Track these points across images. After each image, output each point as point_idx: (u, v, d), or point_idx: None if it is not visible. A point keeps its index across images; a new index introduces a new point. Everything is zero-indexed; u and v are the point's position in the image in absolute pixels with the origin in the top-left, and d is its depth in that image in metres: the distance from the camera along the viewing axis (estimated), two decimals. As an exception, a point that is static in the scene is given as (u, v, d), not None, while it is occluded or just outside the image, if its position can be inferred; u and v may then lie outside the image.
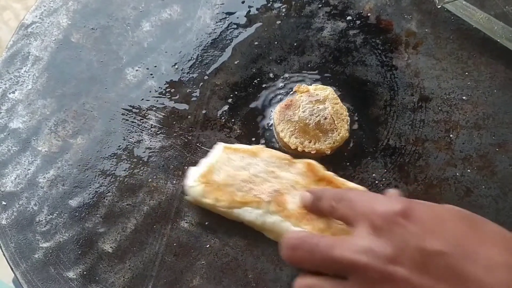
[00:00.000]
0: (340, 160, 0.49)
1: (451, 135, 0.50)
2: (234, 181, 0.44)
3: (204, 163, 0.47)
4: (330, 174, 0.45)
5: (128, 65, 0.57)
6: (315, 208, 0.40)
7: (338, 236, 0.37)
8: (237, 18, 0.59)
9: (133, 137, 0.52)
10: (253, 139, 0.51)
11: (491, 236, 0.30)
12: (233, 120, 0.52)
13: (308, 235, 0.35)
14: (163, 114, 0.53)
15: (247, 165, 0.45)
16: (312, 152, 0.48)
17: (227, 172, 0.45)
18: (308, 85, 0.52)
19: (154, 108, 0.54)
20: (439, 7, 0.56)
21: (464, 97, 0.52)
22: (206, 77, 0.55)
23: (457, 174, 0.48)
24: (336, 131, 0.49)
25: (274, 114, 0.51)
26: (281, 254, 0.36)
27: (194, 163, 0.50)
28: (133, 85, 0.55)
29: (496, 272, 0.27)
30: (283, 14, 0.59)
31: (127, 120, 0.53)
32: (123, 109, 0.54)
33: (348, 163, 0.49)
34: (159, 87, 0.55)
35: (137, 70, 0.56)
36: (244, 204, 0.43)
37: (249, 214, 0.43)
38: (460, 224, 0.31)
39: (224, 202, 0.44)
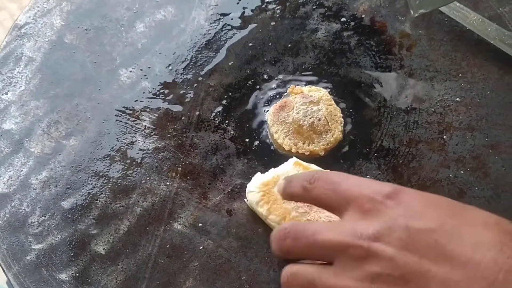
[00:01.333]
0: (333, 162, 0.49)
1: (444, 137, 0.50)
2: None
3: (271, 172, 0.46)
4: None
5: (122, 66, 0.56)
6: (286, 195, 0.36)
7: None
8: (232, 19, 0.59)
9: (126, 138, 0.52)
10: (247, 140, 0.51)
11: (478, 217, 0.30)
12: (227, 121, 0.52)
13: (295, 223, 0.32)
14: (156, 115, 0.53)
15: None
16: (305, 154, 0.48)
17: None
18: (302, 86, 0.52)
19: (148, 109, 0.53)
20: (415, 15, 0.54)
21: (457, 99, 0.52)
22: (200, 78, 0.55)
23: (451, 175, 0.48)
24: (330, 132, 0.49)
25: (268, 116, 0.51)
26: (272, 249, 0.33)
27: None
28: (126, 86, 0.55)
29: (484, 250, 0.27)
30: (277, 15, 0.59)
31: (121, 121, 0.53)
32: (117, 110, 0.54)
33: (341, 165, 0.49)
34: (153, 88, 0.55)
35: (130, 71, 0.56)
36: None
37: None
38: (447, 208, 0.30)
39: (275, 217, 0.43)
